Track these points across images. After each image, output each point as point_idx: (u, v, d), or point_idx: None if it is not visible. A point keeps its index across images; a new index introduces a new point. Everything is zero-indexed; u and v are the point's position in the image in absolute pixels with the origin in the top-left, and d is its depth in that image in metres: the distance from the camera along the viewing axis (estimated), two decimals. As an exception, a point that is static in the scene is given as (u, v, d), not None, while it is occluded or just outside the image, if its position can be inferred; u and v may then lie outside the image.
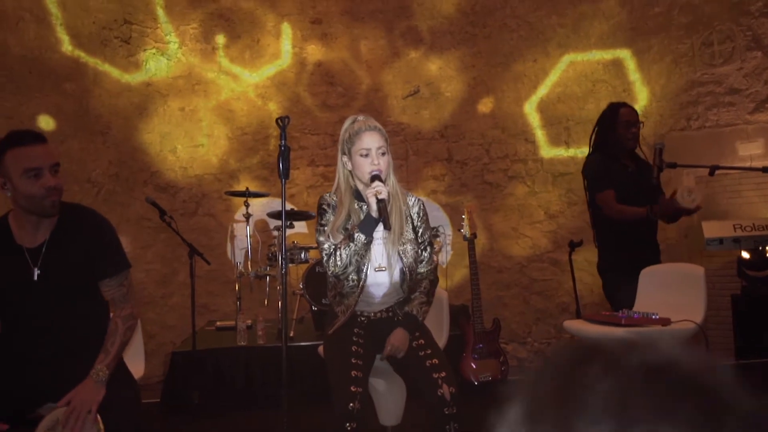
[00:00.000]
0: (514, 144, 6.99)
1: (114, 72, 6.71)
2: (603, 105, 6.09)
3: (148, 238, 6.64)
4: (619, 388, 0.55)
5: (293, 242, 5.60)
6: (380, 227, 2.83)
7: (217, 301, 6.83)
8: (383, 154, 2.82)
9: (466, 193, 7.06)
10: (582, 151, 6.74)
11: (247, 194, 5.67)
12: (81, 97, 6.58)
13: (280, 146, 2.94)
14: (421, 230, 2.95)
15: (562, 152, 6.87)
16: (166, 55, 6.89)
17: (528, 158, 6.96)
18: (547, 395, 0.58)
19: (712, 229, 4.44)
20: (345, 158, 2.89)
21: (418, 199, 3.00)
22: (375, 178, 2.75)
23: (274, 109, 7.04)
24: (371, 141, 2.80)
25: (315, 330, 5.41)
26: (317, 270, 5.30)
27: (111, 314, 2.75)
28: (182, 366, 4.95)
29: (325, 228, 2.86)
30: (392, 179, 2.90)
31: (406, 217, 2.91)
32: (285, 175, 2.95)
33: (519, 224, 6.97)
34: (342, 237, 2.80)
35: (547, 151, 6.92)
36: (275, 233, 5.51)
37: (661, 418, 0.53)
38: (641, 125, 4.28)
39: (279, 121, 2.95)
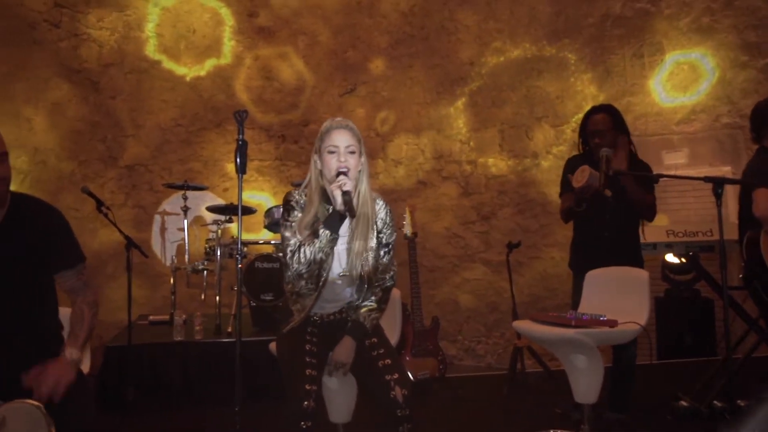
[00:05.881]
0: (449, 145, 7.08)
1: (41, 58, 6.47)
2: (538, 110, 6.14)
3: (76, 229, 6.39)
4: None
5: (232, 237, 5.53)
6: (345, 225, 2.82)
7: (146, 295, 6.68)
8: (352, 152, 2.79)
9: (400, 192, 7.12)
10: (515, 154, 6.90)
11: (185, 187, 5.56)
12: (4, 82, 6.32)
13: (237, 140, 2.91)
14: (386, 235, 2.92)
15: (495, 155, 6.99)
16: (97, 42, 6.68)
17: (462, 159, 7.06)
18: None
19: (646, 235, 4.60)
20: (316, 156, 2.86)
21: (385, 205, 2.96)
22: (341, 173, 2.72)
23: (208, 101, 6.91)
24: (340, 139, 2.78)
25: (253, 326, 5.35)
26: (256, 265, 5.24)
27: (73, 303, 2.66)
28: (117, 361, 4.80)
29: (293, 224, 2.83)
30: (365, 185, 2.85)
31: (372, 224, 2.87)
32: (242, 169, 2.92)
33: (452, 224, 7.06)
34: (308, 234, 2.77)
35: (481, 153, 7.03)
36: (213, 227, 5.41)
37: None
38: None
39: (237, 115, 2.91)
